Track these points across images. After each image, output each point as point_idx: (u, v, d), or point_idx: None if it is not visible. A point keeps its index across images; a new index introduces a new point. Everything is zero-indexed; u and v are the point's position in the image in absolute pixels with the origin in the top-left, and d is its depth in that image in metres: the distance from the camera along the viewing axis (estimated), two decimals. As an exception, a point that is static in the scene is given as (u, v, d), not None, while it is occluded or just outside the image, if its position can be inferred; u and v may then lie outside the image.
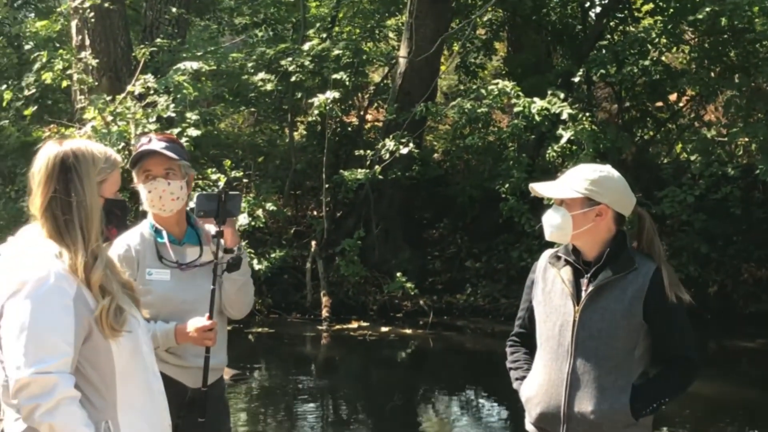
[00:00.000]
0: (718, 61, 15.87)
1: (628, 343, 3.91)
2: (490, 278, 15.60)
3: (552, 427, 3.99)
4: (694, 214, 14.14)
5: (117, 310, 3.08)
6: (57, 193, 3.10)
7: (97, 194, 3.16)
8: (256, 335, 13.53)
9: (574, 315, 3.94)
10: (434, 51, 15.59)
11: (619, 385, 3.89)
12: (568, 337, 3.94)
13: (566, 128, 13.69)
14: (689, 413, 9.50)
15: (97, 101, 12.96)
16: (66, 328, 2.98)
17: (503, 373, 4.37)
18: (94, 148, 3.22)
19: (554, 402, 3.97)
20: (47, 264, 3.04)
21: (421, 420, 10.25)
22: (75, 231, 3.08)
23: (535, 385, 4.06)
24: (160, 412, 3.25)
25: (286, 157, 17.06)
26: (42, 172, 3.13)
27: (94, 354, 3.06)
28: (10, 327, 2.99)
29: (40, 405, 2.92)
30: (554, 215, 3.99)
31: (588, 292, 3.94)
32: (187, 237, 4.51)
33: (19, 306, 2.99)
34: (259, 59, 16.03)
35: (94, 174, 3.16)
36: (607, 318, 3.90)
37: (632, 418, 3.88)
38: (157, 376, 3.28)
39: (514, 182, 14.12)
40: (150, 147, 4.37)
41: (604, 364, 3.89)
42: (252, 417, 9.88)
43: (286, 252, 14.96)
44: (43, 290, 2.98)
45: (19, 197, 13.37)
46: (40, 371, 2.92)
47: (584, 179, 3.97)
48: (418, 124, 15.37)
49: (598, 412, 3.88)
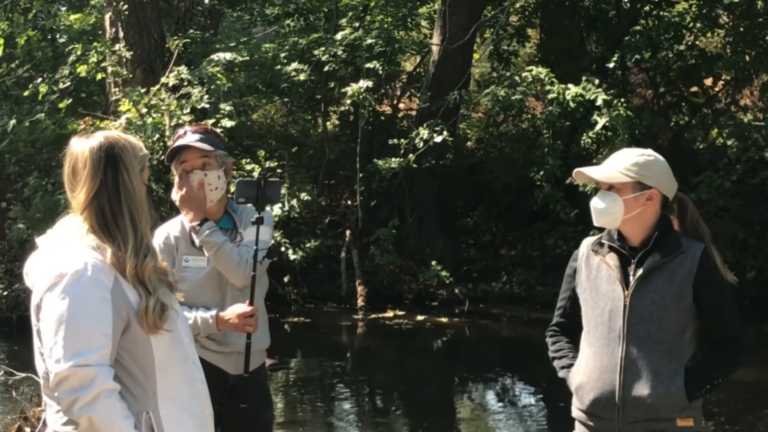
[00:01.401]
0: (753, 45, 15.69)
1: (679, 325, 3.91)
2: (526, 266, 15.54)
3: (606, 413, 3.97)
4: (731, 199, 14.00)
5: (161, 307, 3.08)
6: (103, 186, 3.10)
7: (141, 182, 3.18)
8: (291, 325, 13.57)
9: (624, 300, 3.93)
10: (467, 39, 15.52)
11: (673, 368, 3.89)
12: (619, 323, 3.93)
13: (601, 114, 13.60)
14: (727, 400, 9.43)
15: (131, 93, 13.03)
16: (104, 320, 2.98)
17: (540, 361, 4.36)
18: (130, 138, 3.24)
19: (608, 387, 3.95)
20: (84, 256, 3.04)
21: (458, 409, 10.24)
22: (125, 222, 3.09)
23: (587, 372, 4.03)
24: (201, 401, 3.25)
25: (320, 147, 17.07)
26: (86, 165, 3.11)
27: (133, 346, 3.06)
28: (48, 320, 2.99)
29: (79, 398, 2.92)
30: (605, 200, 3.95)
31: (637, 277, 3.93)
32: (222, 223, 4.53)
33: (57, 299, 2.99)
34: (291, 49, 16.04)
35: (136, 163, 3.18)
36: (657, 301, 3.89)
37: (687, 400, 3.87)
38: (198, 364, 3.28)
39: (549, 169, 14.05)
40: (184, 141, 4.40)
41: (657, 348, 3.89)
42: (289, 405, 9.91)
43: (320, 242, 14.98)
44: (80, 283, 2.99)
45: (55, 190, 13.45)
46: (78, 364, 2.92)
47: (633, 163, 3.95)
48: (451, 113, 15.32)
49: (655, 396, 3.87)
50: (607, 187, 3.98)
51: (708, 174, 13.98)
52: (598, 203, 3.97)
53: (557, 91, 13.76)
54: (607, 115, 13.47)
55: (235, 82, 14.44)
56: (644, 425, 3.92)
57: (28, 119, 14.74)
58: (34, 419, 7.59)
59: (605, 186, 3.98)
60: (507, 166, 16.68)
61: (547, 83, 14.05)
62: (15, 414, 8.16)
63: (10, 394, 9.34)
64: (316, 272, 15.20)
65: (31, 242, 13.47)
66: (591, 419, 4.05)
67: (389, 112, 18.02)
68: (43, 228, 3.33)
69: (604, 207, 3.95)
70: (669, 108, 16.98)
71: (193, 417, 3.19)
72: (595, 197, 4.00)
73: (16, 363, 9.87)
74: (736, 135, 14.36)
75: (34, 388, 8.82)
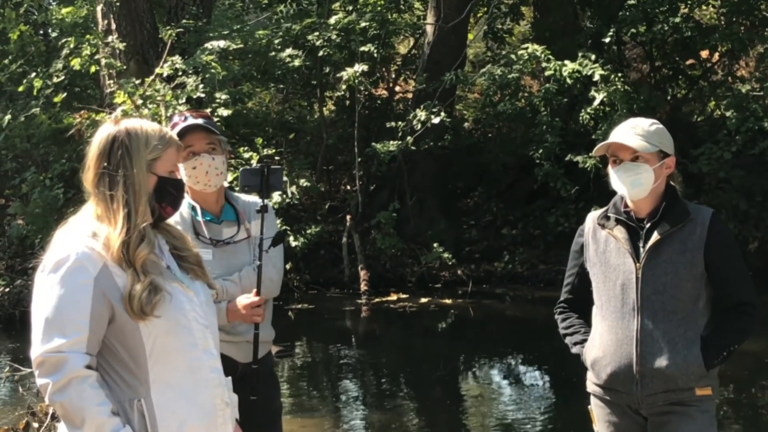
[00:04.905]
0: (748, 15, 15.64)
1: (693, 294, 3.89)
2: (528, 245, 15.54)
3: (624, 387, 3.95)
4: (731, 170, 13.99)
5: (151, 292, 3.06)
6: (106, 170, 3.12)
7: (146, 171, 3.15)
8: (296, 312, 13.56)
9: (636, 272, 3.91)
10: (462, 18, 15.47)
11: (689, 337, 3.87)
12: (633, 295, 3.91)
13: (599, 90, 13.57)
14: (735, 371, 9.41)
15: (126, 85, 12.96)
16: (81, 307, 2.99)
17: (546, 339, 4.35)
18: (148, 126, 3.22)
19: (625, 360, 3.92)
20: (71, 244, 3.05)
21: (465, 389, 10.23)
22: (120, 207, 3.09)
23: (602, 346, 4.01)
24: (208, 390, 3.20)
25: (317, 132, 17.03)
26: (95, 149, 3.16)
27: (121, 334, 3.06)
28: (32, 307, 3.06)
29: (50, 383, 2.95)
30: (636, 171, 3.89)
31: (648, 248, 3.90)
32: (224, 214, 4.49)
33: (39, 285, 3.05)
34: (285, 35, 15.98)
35: (145, 151, 3.16)
36: (670, 271, 3.87)
37: (704, 369, 3.86)
38: (211, 353, 3.24)
39: (548, 147, 14.03)
40: (193, 122, 4.35)
41: (673, 318, 3.88)
42: (296, 391, 9.90)
43: (321, 228, 14.96)
44: (60, 271, 3.01)
45: (53, 184, 13.41)
46: (50, 350, 2.96)
47: (653, 132, 3.93)
48: (448, 93, 15.27)
49: (673, 366, 3.85)
50: (631, 158, 3.91)
51: (708, 146, 13.97)
52: (629, 175, 3.90)
53: (554, 68, 13.72)
54: (604, 91, 13.45)
55: (230, 71, 14.38)
56: (663, 396, 3.91)
57: (24, 114, 14.69)
58: (41, 414, 7.57)
59: (627, 157, 3.92)
60: (505, 146, 16.66)
61: (543, 60, 14.01)
62: (22, 409, 8.15)
63: (17, 389, 9.34)
64: (318, 258, 15.19)
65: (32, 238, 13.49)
66: (608, 393, 4.04)
67: (386, 96, 17.97)
68: (43, 223, 3.32)
69: (637, 178, 3.89)
70: (666, 81, 16.95)
71: (195, 406, 3.15)
72: (617, 170, 3.92)
73: (22, 359, 9.87)
74: (734, 106, 14.33)
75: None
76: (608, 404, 4.06)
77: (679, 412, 3.91)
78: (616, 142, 3.94)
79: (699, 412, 3.91)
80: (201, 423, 3.16)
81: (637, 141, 3.90)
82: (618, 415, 4.04)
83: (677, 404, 3.91)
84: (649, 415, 3.97)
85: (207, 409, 3.19)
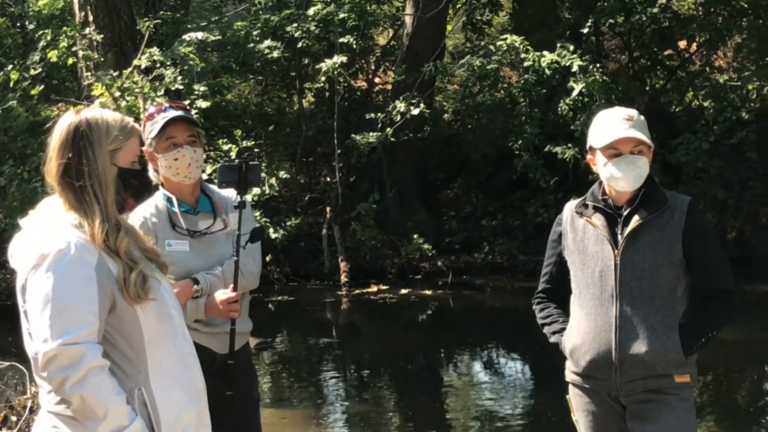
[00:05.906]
0: (726, 5, 15.69)
1: (671, 281, 3.90)
2: (507, 235, 15.57)
3: (603, 374, 3.96)
4: (709, 160, 14.05)
5: (142, 277, 3.07)
6: (71, 161, 3.09)
7: (109, 162, 3.13)
8: (275, 303, 13.55)
9: (615, 259, 3.92)
10: (441, 9, 15.47)
11: (668, 323, 3.88)
12: (611, 282, 3.92)
13: (577, 81, 13.60)
14: (715, 360, 9.46)
15: (104, 77, 12.89)
16: (90, 298, 2.98)
17: (525, 330, 4.36)
18: (109, 116, 3.20)
19: (604, 348, 3.93)
20: (67, 235, 3.03)
21: (445, 380, 10.25)
22: (91, 199, 3.08)
23: (581, 334, 4.01)
24: (192, 374, 3.24)
25: (296, 124, 17.00)
26: (57, 140, 3.13)
27: (121, 322, 3.06)
28: (34, 300, 2.99)
29: (69, 376, 2.92)
30: (638, 164, 3.90)
31: (626, 234, 3.91)
32: (201, 205, 4.47)
33: (42, 279, 2.98)
34: (263, 27, 15.93)
35: (107, 142, 3.14)
36: (649, 258, 3.88)
37: (683, 356, 3.87)
38: (188, 339, 3.28)
39: (527, 138, 14.06)
40: (177, 113, 4.32)
41: (651, 304, 3.88)
42: (276, 383, 9.89)
43: (301, 219, 14.95)
44: (64, 262, 2.98)
45: (31, 177, 13.33)
46: (66, 342, 2.92)
47: (643, 123, 3.95)
48: (427, 85, 15.28)
49: (652, 352, 3.86)
50: (631, 151, 3.90)
51: (686, 136, 14.02)
52: (631, 168, 3.90)
53: (533, 59, 13.74)
54: (583, 81, 13.48)
55: (208, 62, 14.33)
56: (642, 383, 3.91)
57: (1, 107, 14.58)
58: (19, 407, 7.52)
59: (628, 150, 3.90)
60: (485, 137, 16.67)
61: (522, 51, 14.03)
62: (0, 403, 8.10)
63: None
64: (298, 250, 15.17)
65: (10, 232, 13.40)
66: (587, 381, 4.04)
67: (365, 87, 17.95)
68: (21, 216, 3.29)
69: (639, 170, 3.91)
70: (644, 72, 16.99)
71: (186, 390, 3.19)
72: (618, 163, 3.90)
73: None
74: (712, 96, 14.39)
75: (18, 376, 8.75)
76: (587, 393, 4.06)
77: (658, 400, 3.92)
78: (627, 137, 3.90)
79: (678, 400, 3.92)
80: (193, 409, 3.19)
81: (640, 133, 3.91)
82: (597, 404, 4.04)
83: (656, 392, 3.92)
84: (627, 404, 3.97)
85: (194, 394, 3.23)
